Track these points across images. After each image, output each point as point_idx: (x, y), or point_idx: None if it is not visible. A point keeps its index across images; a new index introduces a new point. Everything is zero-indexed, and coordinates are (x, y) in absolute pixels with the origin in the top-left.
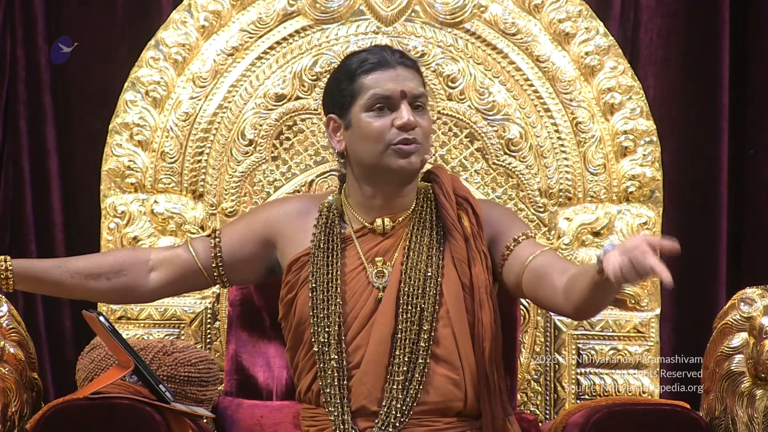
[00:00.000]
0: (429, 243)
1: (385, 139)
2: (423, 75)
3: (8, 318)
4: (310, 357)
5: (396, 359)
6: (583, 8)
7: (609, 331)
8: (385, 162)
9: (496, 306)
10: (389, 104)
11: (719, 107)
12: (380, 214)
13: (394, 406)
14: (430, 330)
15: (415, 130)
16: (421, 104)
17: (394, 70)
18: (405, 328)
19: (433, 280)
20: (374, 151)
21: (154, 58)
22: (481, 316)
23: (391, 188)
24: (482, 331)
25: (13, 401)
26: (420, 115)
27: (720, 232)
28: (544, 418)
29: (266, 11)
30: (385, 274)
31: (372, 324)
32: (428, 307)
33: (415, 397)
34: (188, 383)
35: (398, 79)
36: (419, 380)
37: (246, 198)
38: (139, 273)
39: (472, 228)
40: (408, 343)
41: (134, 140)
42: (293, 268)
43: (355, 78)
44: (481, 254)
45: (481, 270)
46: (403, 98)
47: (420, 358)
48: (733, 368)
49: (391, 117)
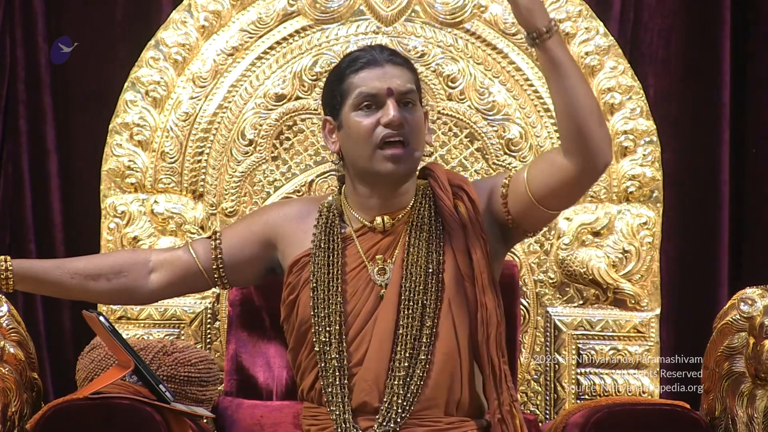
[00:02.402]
0: (428, 238)
1: (372, 138)
2: (417, 72)
3: (8, 318)
4: (312, 357)
5: (397, 355)
6: (583, 8)
7: (609, 331)
8: (374, 166)
9: (498, 293)
10: (376, 102)
11: (719, 107)
12: (379, 213)
13: (395, 401)
14: (432, 326)
15: (403, 128)
16: (410, 101)
17: (381, 68)
18: (407, 324)
19: (434, 275)
20: (364, 152)
21: (154, 58)
22: (485, 300)
23: (386, 189)
24: (486, 316)
25: (13, 401)
26: (409, 112)
27: (720, 232)
28: (544, 418)
29: (266, 11)
30: (387, 271)
31: (374, 321)
32: (430, 303)
33: (416, 393)
34: (188, 383)
35: (385, 76)
36: (420, 376)
37: (246, 198)
38: (139, 274)
39: (468, 214)
40: (410, 339)
41: (134, 140)
42: (294, 269)
43: (344, 78)
44: (481, 240)
45: (482, 255)
46: (390, 96)
47: (422, 354)
48: (733, 368)
49: (378, 115)
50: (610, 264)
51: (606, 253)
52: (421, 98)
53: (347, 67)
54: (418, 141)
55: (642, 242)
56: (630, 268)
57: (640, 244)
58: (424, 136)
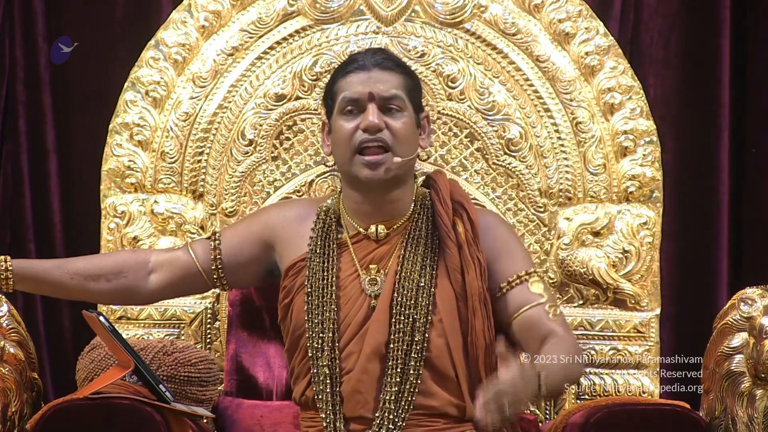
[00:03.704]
0: (424, 252)
1: (351, 143)
2: (414, 77)
3: (8, 318)
4: (305, 363)
5: (389, 369)
6: (583, 8)
7: (609, 331)
8: (353, 171)
9: (490, 313)
10: (359, 107)
11: (719, 107)
12: (374, 221)
13: (387, 417)
14: (422, 341)
15: (382, 133)
16: (395, 107)
17: (367, 72)
18: (397, 338)
19: (426, 290)
20: (344, 157)
21: (154, 58)
22: (474, 323)
23: (373, 194)
24: (474, 338)
25: (13, 401)
26: (393, 117)
27: (720, 232)
28: (544, 418)
29: (266, 11)
30: (378, 281)
31: (366, 332)
32: (420, 317)
33: (408, 408)
34: (188, 383)
35: (369, 81)
36: (411, 391)
37: (246, 198)
38: (139, 275)
39: (466, 234)
40: (400, 354)
41: (134, 140)
42: (290, 273)
43: (335, 82)
44: (475, 260)
45: (475, 277)
46: (371, 100)
47: (412, 369)
48: (733, 368)
49: (359, 120)
50: (610, 264)
51: (606, 253)
52: (418, 102)
53: (339, 70)
54: (401, 147)
55: (642, 242)
56: (630, 268)
57: (640, 244)
58: (409, 142)
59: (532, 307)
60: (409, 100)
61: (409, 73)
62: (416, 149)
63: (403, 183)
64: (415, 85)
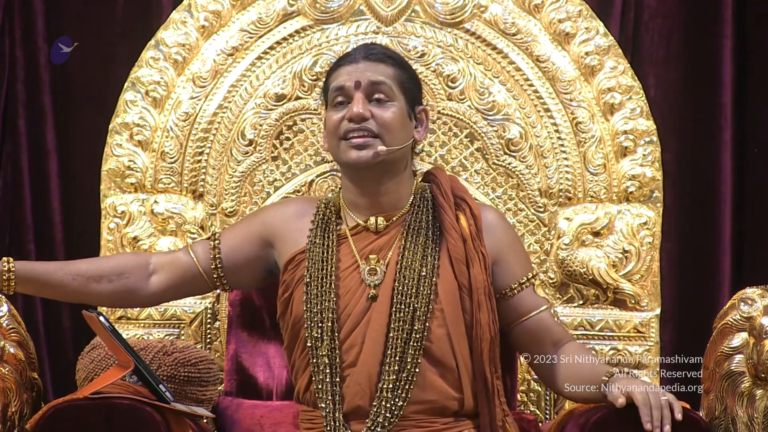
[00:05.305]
0: (425, 243)
1: (337, 132)
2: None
3: (8, 318)
4: (305, 355)
5: (388, 359)
6: (583, 8)
7: (609, 331)
8: (341, 157)
9: (494, 307)
10: (346, 96)
11: (720, 107)
12: (373, 213)
13: (384, 406)
14: (422, 330)
15: (368, 122)
16: (383, 96)
17: (355, 64)
18: (397, 327)
19: (428, 279)
20: (333, 146)
21: (154, 58)
22: (479, 316)
23: (367, 184)
24: (480, 332)
25: (13, 401)
26: (380, 107)
27: (720, 232)
28: (544, 418)
29: (266, 11)
30: (378, 272)
31: (367, 323)
32: (421, 306)
33: (405, 397)
34: (188, 383)
35: (356, 71)
36: (409, 380)
37: (246, 198)
38: (140, 276)
39: (470, 228)
40: (400, 343)
41: (134, 140)
42: (290, 266)
43: (328, 76)
44: (480, 254)
45: (480, 270)
46: (357, 88)
47: (410, 357)
48: (733, 368)
49: (346, 110)
50: (610, 264)
51: (606, 253)
52: (413, 95)
53: (333, 65)
54: (388, 135)
55: (642, 242)
56: (630, 268)
57: (640, 244)
58: (398, 131)
59: (543, 311)
60: (401, 91)
61: (402, 66)
62: (407, 140)
63: (396, 174)
64: (409, 77)
